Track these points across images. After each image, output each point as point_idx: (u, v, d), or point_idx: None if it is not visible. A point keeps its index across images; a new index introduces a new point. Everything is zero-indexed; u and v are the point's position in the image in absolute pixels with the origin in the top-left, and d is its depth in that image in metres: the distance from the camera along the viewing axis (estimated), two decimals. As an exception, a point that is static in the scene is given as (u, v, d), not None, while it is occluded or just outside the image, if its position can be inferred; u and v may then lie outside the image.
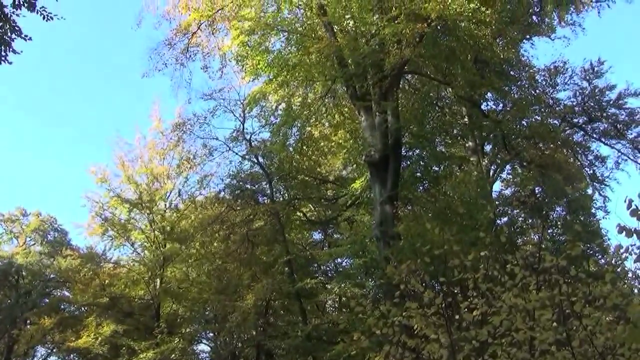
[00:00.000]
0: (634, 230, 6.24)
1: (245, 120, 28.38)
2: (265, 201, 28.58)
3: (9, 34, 10.09)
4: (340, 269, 29.44)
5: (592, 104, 26.27)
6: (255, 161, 28.43)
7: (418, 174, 22.07)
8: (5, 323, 35.91)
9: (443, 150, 24.02)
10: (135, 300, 33.07)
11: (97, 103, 79.01)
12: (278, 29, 19.68)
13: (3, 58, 10.14)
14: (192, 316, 32.61)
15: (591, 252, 25.11)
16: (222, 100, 27.93)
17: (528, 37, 23.91)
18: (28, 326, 35.95)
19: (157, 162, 32.16)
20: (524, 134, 24.93)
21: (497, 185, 28.09)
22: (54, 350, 37.76)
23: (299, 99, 22.40)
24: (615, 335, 6.70)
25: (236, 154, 28.93)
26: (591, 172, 28.04)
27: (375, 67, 18.19)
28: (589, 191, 28.37)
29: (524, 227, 26.63)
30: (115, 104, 78.35)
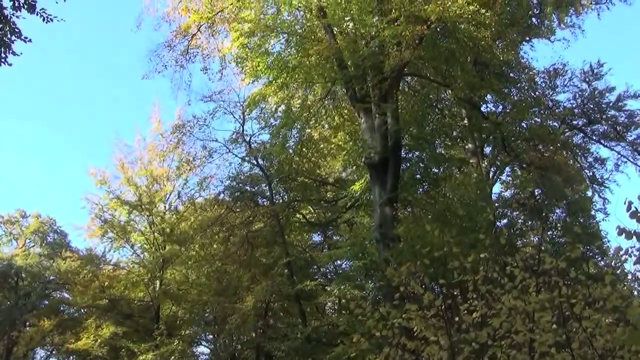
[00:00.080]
0: (634, 233, 6.24)
1: (245, 122, 28.43)
2: (265, 203, 28.57)
3: (9, 35, 10.10)
4: (340, 271, 29.43)
5: (591, 106, 26.25)
6: (255, 163, 28.43)
7: (418, 176, 22.02)
8: (4, 325, 35.89)
9: (443, 152, 23.98)
10: (135, 302, 33.08)
11: (96, 104, 79.13)
12: (278, 30, 19.66)
13: (3, 60, 10.16)
14: (192, 318, 32.59)
15: (591, 254, 25.14)
16: (221, 102, 27.99)
17: (528, 39, 23.91)
18: (27, 328, 35.92)
19: (157, 164, 32.19)
20: (523, 136, 24.93)
21: (497, 187, 28.10)
22: (53, 352, 37.83)
23: (298, 100, 22.40)
24: (615, 337, 6.69)
25: (236, 155, 28.99)
26: (591, 174, 28.04)
27: (375, 69, 18.16)
28: (589, 193, 28.38)
29: (523, 229, 26.64)
30: (115, 106, 78.51)
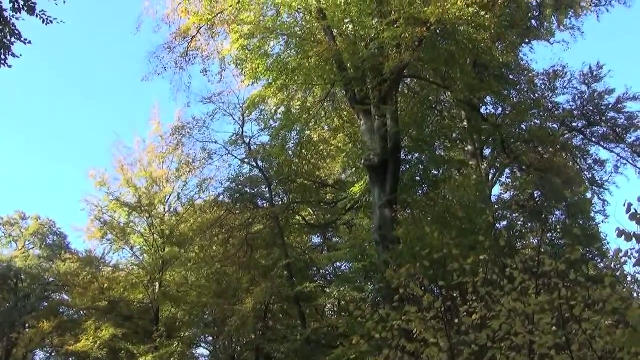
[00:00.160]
0: (633, 234, 6.24)
1: (245, 123, 28.44)
2: (265, 205, 28.56)
3: (9, 37, 10.11)
4: (340, 273, 29.42)
5: (591, 108, 26.23)
6: (255, 165, 28.43)
7: (417, 178, 22.02)
8: (4, 327, 35.86)
9: (442, 154, 23.98)
10: (134, 304, 33.07)
11: (96, 106, 79.04)
12: (277, 32, 19.66)
13: (3, 61, 10.16)
14: (191, 320, 32.61)
15: (590, 256, 25.16)
16: (221, 103, 28.02)
17: (527, 41, 23.95)
18: (27, 330, 35.93)
19: (157, 165, 32.20)
20: (523, 138, 24.93)
21: (497, 189, 28.08)
22: (52, 354, 37.78)
23: (298, 102, 22.42)
24: (614, 339, 6.68)
25: (235, 157, 29.00)
26: (590, 176, 28.03)
27: (375, 71, 18.16)
28: (588, 195, 28.38)
29: (523, 231, 26.62)
30: (115, 107, 78.51)
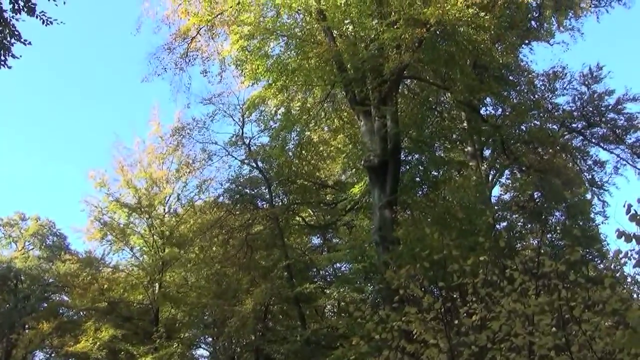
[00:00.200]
0: (633, 235, 6.25)
1: (245, 124, 28.40)
2: (264, 206, 28.54)
3: (9, 38, 10.10)
4: (339, 274, 29.39)
5: (590, 109, 26.23)
6: (255, 166, 28.40)
7: (417, 179, 22.01)
8: (3, 328, 35.83)
9: (442, 155, 23.98)
10: (134, 304, 33.06)
11: (96, 107, 79.05)
12: (277, 33, 19.66)
13: (2, 63, 10.16)
14: (191, 321, 32.58)
15: (590, 257, 25.16)
16: (221, 104, 27.98)
17: (527, 42, 23.96)
18: (26, 331, 35.93)
19: (156, 166, 32.19)
20: (523, 139, 24.91)
21: (496, 190, 28.07)
22: (52, 355, 37.74)
23: (298, 103, 22.42)
24: (614, 341, 6.68)
25: (235, 158, 28.96)
26: (590, 177, 28.03)
27: (375, 71, 18.14)
28: (588, 196, 28.38)
29: (523, 232, 26.60)
30: (115, 108, 78.51)
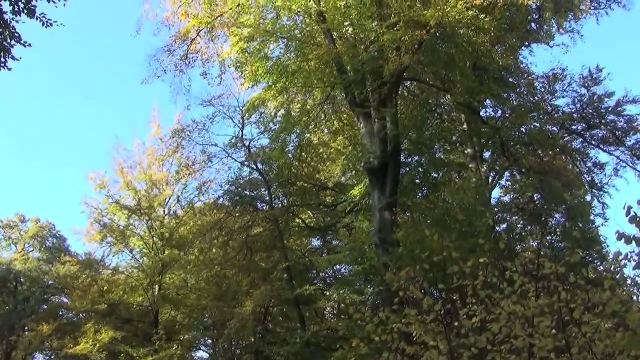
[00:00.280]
0: (633, 237, 6.24)
1: (244, 126, 28.44)
2: (264, 207, 28.54)
3: (9, 40, 10.09)
4: (339, 276, 29.38)
5: (590, 110, 26.22)
6: (254, 167, 28.41)
7: (417, 181, 22.02)
8: (3, 329, 35.83)
9: (442, 156, 23.98)
10: (134, 306, 33.03)
11: (96, 108, 79.03)
12: (277, 35, 19.67)
13: (2, 64, 10.14)
14: (191, 323, 32.55)
15: (590, 259, 25.09)
16: (221, 106, 28.01)
17: (527, 44, 23.96)
18: (26, 332, 35.90)
19: (156, 168, 32.18)
20: (522, 141, 24.91)
21: (496, 192, 28.03)
22: (52, 357, 37.74)
23: (298, 105, 22.41)
24: (614, 342, 6.68)
25: (235, 160, 28.99)
26: (590, 178, 28.01)
27: (374, 73, 18.14)
28: (588, 198, 28.33)
29: (522, 233, 26.58)
30: (115, 110, 78.52)
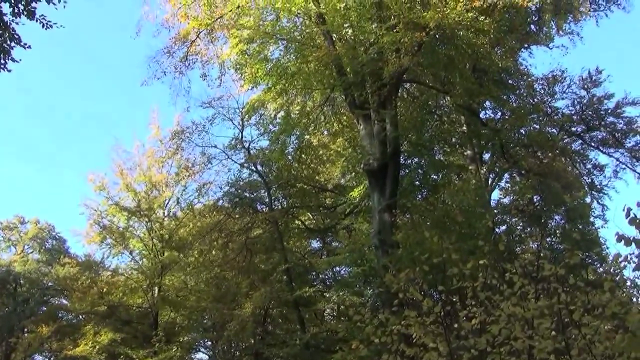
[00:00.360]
0: (633, 239, 6.24)
1: (244, 128, 28.40)
2: (264, 209, 28.53)
3: (8, 42, 10.10)
4: (339, 278, 29.41)
5: (590, 112, 26.22)
6: (254, 169, 28.40)
7: (417, 183, 22.05)
8: (2, 331, 35.82)
9: (442, 158, 24.00)
10: (133, 308, 32.99)
11: (95, 110, 79.05)
12: (277, 37, 19.68)
13: (2, 66, 10.14)
14: (190, 324, 32.54)
15: (590, 260, 25.09)
16: (220, 108, 27.98)
17: (526, 46, 23.96)
18: (26, 334, 35.87)
19: (156, 170, 32.15)
20: (522, 143, 24.93)
21: (496, 194, 28.07)
22: (51, 359, 37.64)
23: (297, 107, 22.42)
24: (614, 344, 6.67)
25: (235, 162, 28.96)
26: (589, 180, 28.02)
27: (374, 75, 18.16)
28: (588, 200, 28.34)
29: (522, 235, 26.60)
30: (115, 111, 78.50)
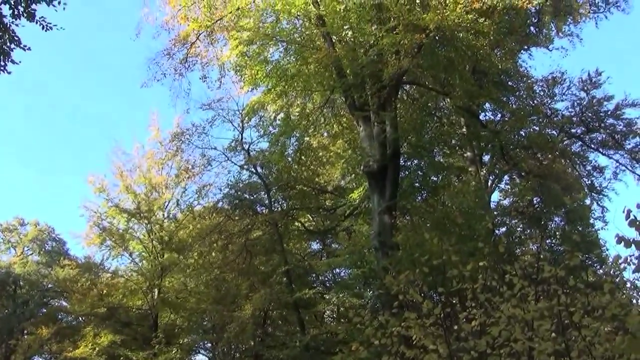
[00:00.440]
0: (633, 241, 6.23)
1: (244, 130, 28.35)
2: (264, 211, 28.51)
3: (8, 44, 10.10)
4: (339, 279, 29.41)
5: (590, 114, 26.26)
6: (254, 171, 28.38)
7: (416, 184, 22.05)
8: (2, 333, 35.78)
9: (441, 160, 24.02)
10: (133, 310, 32.97)
11: (95, 112, 79.06)
12: (277, 39, 19.67)
13: (2, 68, 10.15)
14: (190, 326, 32.52)
15: (590, 262, 25.15)
16: (220, 110, 27.93)
17: (526, 47, 24.00)
18: (25, 336, 35.80)
19: (156, 172, 32.14)
20: (522, 144, 24.95)
21: (496, 196, 28.12)
22: (51, 361, 37.63)
23: (297, 109, 22.43)
24: (614, 346, 6.65)
25: (234, 164, 28.92)
26: (589, 182, 28.07)
27: (374, 77, 18.17)
28: (587, 201, 28.41)
29: (522, 237, 26.65)
30: (114, 113, 78.54)
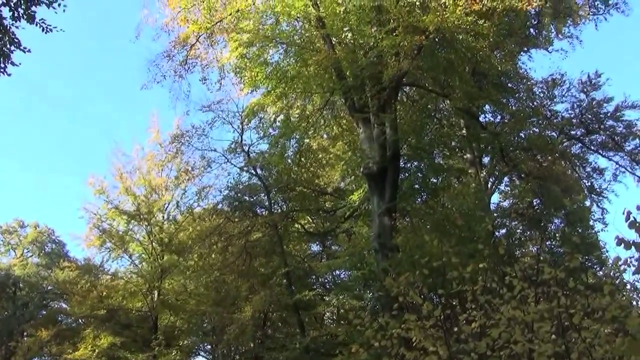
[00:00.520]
0: (633, 243, 6.23)
1: (244, 132, 28.34)
2: (264, 213, 28.49)
3: (8, 46, 10.11)
4: (339, 281, 29.35)
5: (589, 116, 26.27)
6: (254, 173, 28.37)
7: (416, 186, 22.04)
8: (2, 335, 35.78)
9: (441, 162, 24.02)
10: (133, 312, 32.95)
11: (95, 113, 79.08)
12: (276, 41, 19.68)
13: (2, 70, 10.16)
14: (190, 328, 32.51)
15: (590, 264, 25.15)
16: (220, 112, 27.94)
17: (526, 49, 24.00)
18: (25, 338, 35.86)
19: (156, 173, 32.14)
20: (522, 146, 24.95)
21: (496, 197, 28.11)
22: (50, 363, 37.62)
23: (297, 110, 22.44)
24: (614, 348, 6.66)
25: (234, 165, 28.92)
26: (589, 184, 28.07)
27: (374, 79, 18.17)
28: (587, 203, 28.41)
29: (522, 239, 26.65)
30: (114, 115, 78.52)
